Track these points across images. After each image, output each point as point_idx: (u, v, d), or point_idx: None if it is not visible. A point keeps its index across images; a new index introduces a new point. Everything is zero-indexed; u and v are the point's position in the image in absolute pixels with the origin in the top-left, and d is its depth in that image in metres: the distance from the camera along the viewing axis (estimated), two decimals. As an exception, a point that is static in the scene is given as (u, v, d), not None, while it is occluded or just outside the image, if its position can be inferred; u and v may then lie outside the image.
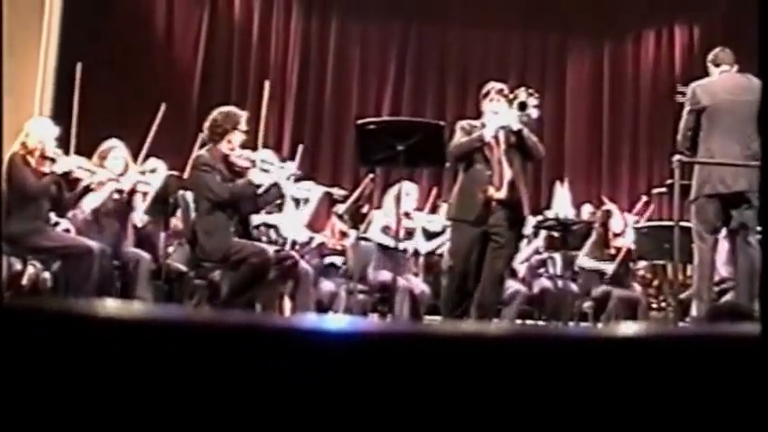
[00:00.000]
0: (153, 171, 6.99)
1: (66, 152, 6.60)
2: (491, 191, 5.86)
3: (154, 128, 7.04)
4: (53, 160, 6.31)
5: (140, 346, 1.04)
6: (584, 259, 8.65)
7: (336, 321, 1.16)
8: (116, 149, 6.78)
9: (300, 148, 7.56)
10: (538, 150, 6.10)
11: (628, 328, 1.37)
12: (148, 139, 7.01)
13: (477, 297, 5.92)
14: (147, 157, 7.06)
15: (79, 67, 6.49)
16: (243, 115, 6.47)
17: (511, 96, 5.95)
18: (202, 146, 6.60)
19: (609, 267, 8.51)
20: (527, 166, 6.33)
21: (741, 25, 12.12)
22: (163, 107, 7.13)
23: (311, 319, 1.11)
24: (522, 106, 5.87)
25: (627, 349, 1.08)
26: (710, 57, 6.60)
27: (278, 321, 1.25)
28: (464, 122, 6.11)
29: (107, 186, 6.57)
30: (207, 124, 6.43)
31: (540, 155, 6.25)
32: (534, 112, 5.90)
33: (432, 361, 1.05)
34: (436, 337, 1.09)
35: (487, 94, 6.13)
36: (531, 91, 5.94)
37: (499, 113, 5.93)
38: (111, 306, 1.03)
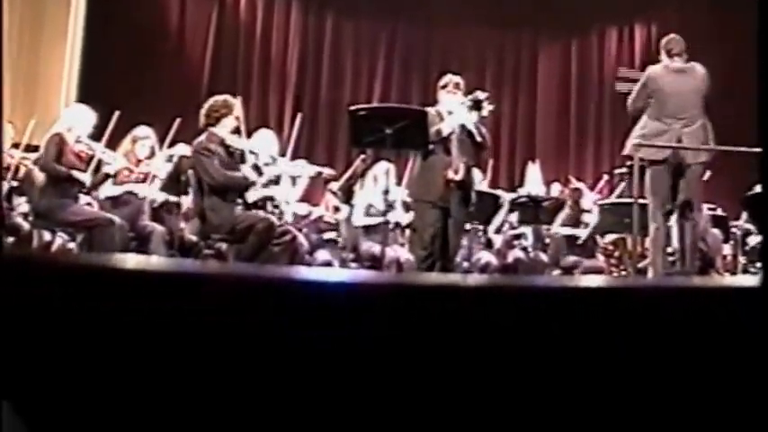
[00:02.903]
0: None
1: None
2: (450, 174, 5.96)
3: (170, 134, 7.05)
4: (87, 146, 6.37)
5: (155, 296, 1.04)
6: (559, 228, 8.67)
7: (331, 274, 1.16)
8: (147, 139, 6.81)
9: (299, 117, 7.55)
10: (486, 143, 6.31)
11: (591, 281, 1.38)
12: (168, 139, 7.04)
13: (444, 262, 6.06)
14: (172, 143, 7.10)
15: (116, 115, 6.52)
16: (236, 103, 6.41)
17: (470, 98, 6.06)
18: (199, 132, 6.51)
19: (582, 233, 8.54)
20: (480, 153, 6.48)
21: (694, 24, 12.17)
22: (177, 121, 7.11)
23: (308, 272, 1.12)
24: (477, 106, 6.01)
25: (590, 297, 1.09)
26: (663, 42, 6.71)
27: (278, 273, 1.26)
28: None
29: (125, 186, 6.62)
30: (203, 110, 6.33)
31: (487, 146, 6.48)
32: (486, 112, 6.06)
33: (416, 309, 1.06)
34: (421, 287, 1.11)
35: (446, 85, 6.26)
36: (487, 95, 6.06)
37: (457, 113, 6.05)
38: (131, 260, 1.04)
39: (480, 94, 6.07)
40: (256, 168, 6.48)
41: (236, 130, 6.43)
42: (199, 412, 1.06)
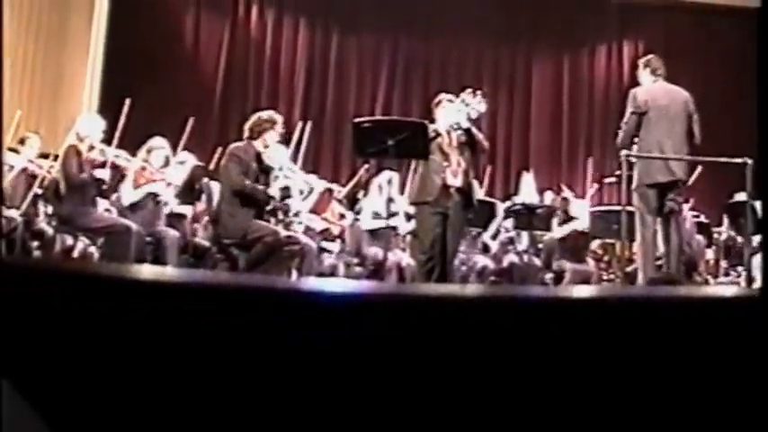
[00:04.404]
0: (182, 163, 7.04)
1: (110, 144, 6.62)
2: (449, 178, 5.92)
3: (185, 136, 7.13)
4: (101, 150, 6.39)
5: (169, 305, 1.05)
6: (557, 230, 8.65)
7: (334, 284, 1.17)
8: (162, 150, 6.83)
9: (308, 125, 7.63)
10: (482, 145, 6.18)
11: (581, 291, 1.38)
12: (181, 144, 7.12)
13: (443, 266, 6.00)
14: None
15: (127, 102, 6.57)
16: (280, 119, 6.49)
17: (457, 99, 6.02)
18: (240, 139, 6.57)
19: (580, 224, 8.52)
20: (477, 160, 6.41)
21: (679, 42, 12.23)
22: (191, 121, 7.20)
23: (313, 283, 1.13)
24: (467, 102, 5.97)
25: (581, 306, 1.09)
26: (644, 61, 6.69)
27: (285, 284, 1.27)
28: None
29: (145, 188, 6.63)
30: (249, 122, 6.42)
31: (485, 148, 6.32)
32: (481, 107, 5.98)
33: (415, 318, 1.06)
34: (419, 297, 1.11)
35: (439, 103, 6.22)
36: (475, 92, 6.01)
37: (449, 112, 6.01)
38: (145, 270, 1.05)
39: (468, 94, 6.02)
40: (286, 189, 6.55)
41: (281, 142, 6.52)
42: (197, 413, 1.07)
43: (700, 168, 6.34)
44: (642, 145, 6.34)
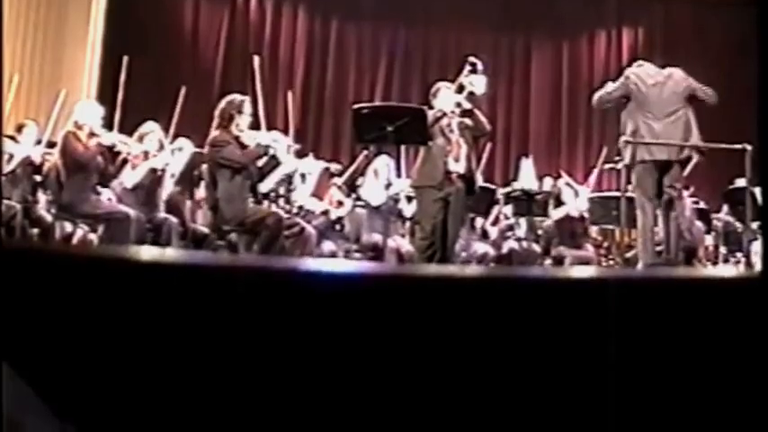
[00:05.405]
0: (180, 149, 7.00)
1: (110, 130, 6.60)
2: (451, 163, 5.90)
3: (178, 107, 7.12)
4: (99, 136, 6.35)
5: (171, 286, 1.04)
6: (554, 212, 8.65)
7: (334, 265, 1.16)
8: (153, 133, 6.78)
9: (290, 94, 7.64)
10: (483, 125, 6.14)
11: (581, 271, 1.37)
12: (175, 117, 7.11)
13: (443, 252, 5.98)
14: (175, 136, 7.10)
15: (125, 60, 6.52)
16: (245, 99, 6.35)
17: (457, 83, 6.00)
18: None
19: (573, 208, 8.53)
20: (478, 145, 6.39)
21: (678, 27, 12.22)
22: (183, 90, 7.18)
23: (313, 264, 1.12)
24: (471, 71, 5.93)
25: (582, 286, 1.08)
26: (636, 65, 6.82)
27: (286, 264, 1.25)
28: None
29: (144, 165, 6.58)
30: (216, 114, 6.29)
31: (486, 130, 6.28)
32: (482, 80, 5.96)
33: (415, 298, 1.05)
34: (420, 278, 1.10)
35: (437, 91, 6.19)
36: (472, 68, 5.99)
37: (448, 98, 6.00)
38: (147, 253, 1.04)
39: (473, 64, 6.01)
40: (273, 158, 6.49)
41: (252, 126, 6.43)
42: (196, 400, 1.06)
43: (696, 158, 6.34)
44: (630, 126, 6.38)
